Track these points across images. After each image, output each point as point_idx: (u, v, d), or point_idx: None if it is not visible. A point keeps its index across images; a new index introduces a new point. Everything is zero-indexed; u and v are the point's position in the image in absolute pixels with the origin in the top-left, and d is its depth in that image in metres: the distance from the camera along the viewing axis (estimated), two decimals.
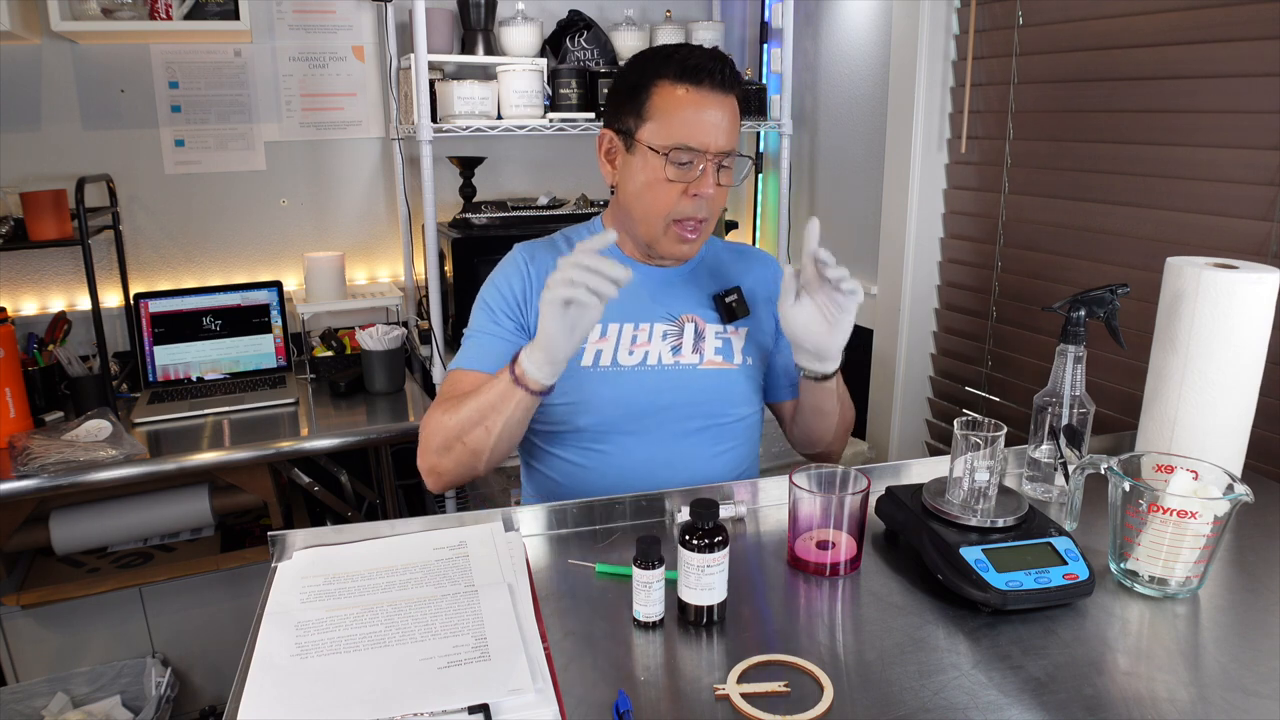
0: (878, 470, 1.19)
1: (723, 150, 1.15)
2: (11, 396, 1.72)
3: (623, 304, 1.22)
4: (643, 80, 1.17)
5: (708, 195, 1.16)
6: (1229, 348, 1.07)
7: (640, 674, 0.80)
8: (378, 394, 2.06)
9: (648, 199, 1.18)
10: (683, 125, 1.14)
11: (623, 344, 1.23)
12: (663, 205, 1.17)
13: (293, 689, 0.77)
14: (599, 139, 1.24)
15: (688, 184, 1.16)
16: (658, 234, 1.20)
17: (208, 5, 1.96)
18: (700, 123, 1.14)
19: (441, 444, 1.15)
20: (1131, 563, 0.94)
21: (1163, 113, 1.51)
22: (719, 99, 1.15)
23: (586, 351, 1.22)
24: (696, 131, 1.14)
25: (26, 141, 2.04)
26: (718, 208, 1.21)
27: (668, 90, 1.15)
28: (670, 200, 1.17)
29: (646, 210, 1.19)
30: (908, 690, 0.77)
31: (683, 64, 1.14)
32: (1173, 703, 0.75)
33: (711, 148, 1.14)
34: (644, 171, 1.17)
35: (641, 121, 1.16)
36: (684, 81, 1.14)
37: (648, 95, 1.16)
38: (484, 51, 2.14)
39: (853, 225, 2.26)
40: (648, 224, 1.21)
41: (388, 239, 2.41)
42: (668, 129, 1.14)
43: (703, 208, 1.18)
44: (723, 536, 0.85)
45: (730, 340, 1.27)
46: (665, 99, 1.15)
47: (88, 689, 1.98)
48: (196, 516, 1.96)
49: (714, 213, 1.20)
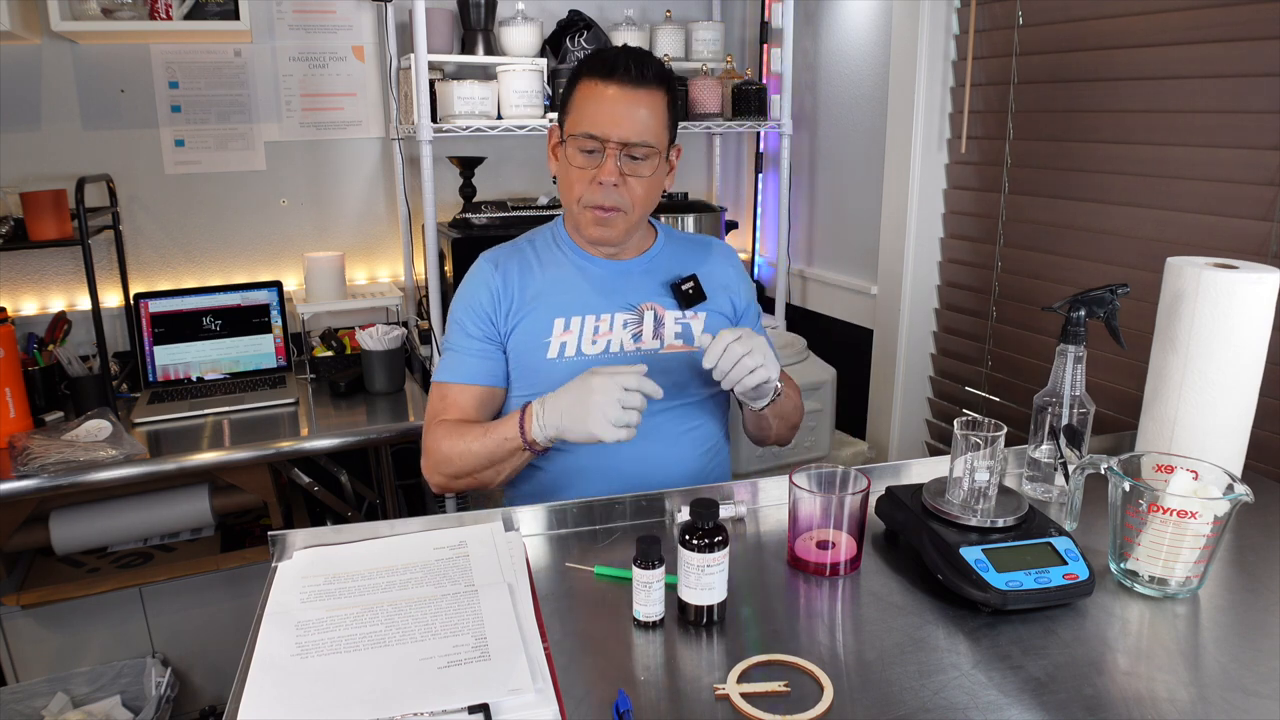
0: (878, 470, 1.19)
1: (624, 140, 1.20)
2: (11, 396, 1.72)
3: (584, 297, 1.31)
4: (573, 79, 1.25)
5: (608, 183, 1.21)
6: (1229, 348, 1.07)
7: (640, 674, 0.80)
8: (378, 394, 2.06)
9: (564, 186, 1.27)
10: (588, 114, 1.21)
11: (585, 335, 1.29)
12: (575, 191, 1.25)
13: (293, 689, 0.77)
14: (549, 134, 1.32)
15: (593, 171, 1.23)
16: (579, 218, 1.27)
17: (208, 5, 1.96)
18: (603, 112, 1.20)
19: (453, 474, 1.24)
20: (1131, 563, 0.94)
21: (1163, 113, 1.51)
22: (629, 92, 1.20)
23: (551, 344, 1.28)
24: (599, 120, 1.20)
25: (26, 141, 2.04)
26: (639, 198, 1.25)
27: (587, 85, 1.23)
28: (580, 187, 1.24)
29: (566, 198, 1.28)
30: (908, 690, 0.77)
31: (598, 60, 1.23)
32: (1173, 703, 0.75)
33: (613, 136, 1.20)
34: (563, 160, 1.26)
35: (566, 115, 1.26)
36: (597, 75, 1.22)
37: (573, 90, 1.25)
38: (484, 51, 2.14)
39: (853, 225, 2.26)
40: (569, 211, 1.29)
41: (388, 239, 2.41)
42: (578, 118, 1.23)
43: (610, 195, 1.23)
44: (723, 536, 0.85)
45: (689, 325, 1.33)
46: (584, 92, 1.23)
47: (88, 689, 1.98)
48: (196, 516, 1.96)
49: (632, 203, 1.25)
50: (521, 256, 1.34)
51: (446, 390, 1.30)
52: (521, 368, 1.30)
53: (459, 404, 1.29)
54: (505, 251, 1.36)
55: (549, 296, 1.30)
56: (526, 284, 1.31)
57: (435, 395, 1.31)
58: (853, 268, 2.29)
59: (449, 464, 1.23)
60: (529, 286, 1.31)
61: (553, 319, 1.29)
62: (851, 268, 2.30)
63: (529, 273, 1.32)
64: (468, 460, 1.21)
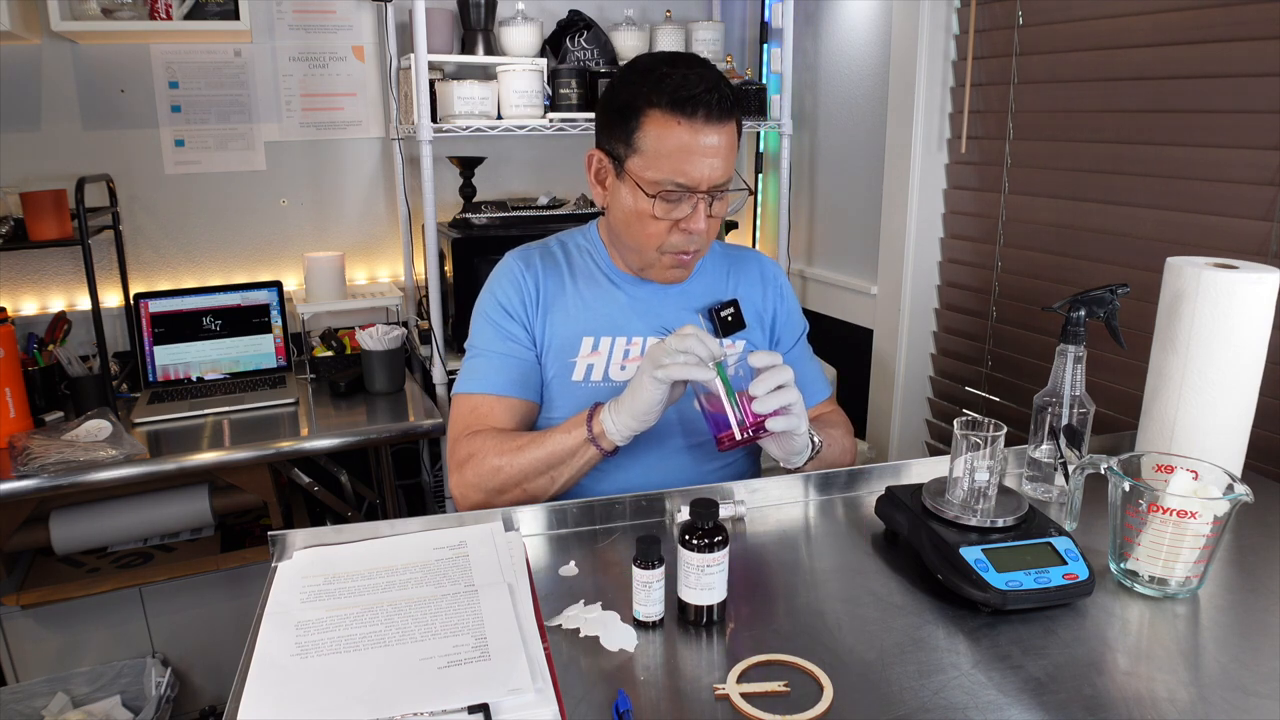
0: (878, 470, 1.20)
1: (715, 185, 1.11)
2: (11, 396, 1.72)
3: (616, 318, 1.23)
4: (634, 105, 1.11)
5: (699, 231, 1.13)
6: (1229, 348, 1.07)
7: (640, 674, 0.80)
8: (378, 394, 2.06)
9: (637, 231, 1.16)
10: (672, 162, 1.09)
11: (615, 358, 1.22)
12: (652, 239, 1.15)
13: (293, 689, 0.77)
14: (588, 159, 1.20)
15: (678, 219, 1.13)
16: (650, 262, 1.19)
17: (208, 5, 1.97)
18: (690, 160, 1.08)
19: (498, 487, 1.13)
20: (1131, 563, 0.94)
21: (1163, 113, 1.51)
22: (713, 129, 1.09)
23: (578, 366, 1.21)
24: (687, 169, 1.09)
25: (26, 141, 2.04)
26: (711, 236, 1.18)
27: (659, 121, 1.09)
28: (659, 235, 1.14)
29: (636, 241, 1.17)
30: (908, 690, 0.77)
31: (675, 94, 1.07)
32: (1173, 703, 0.75)
33: (703, 184, 1.10)
34: (633, 203, 1.14)
35: (631, 151, 1.12)
36: (675, 113, 1.08)
37: (638, 124, 1.10)
38: (484, 51, 2.14)
39: (853, 225, 2.26)
40: (639, 254, 1.19)
41: (388, 239, 2.41)
42: (656, 165, 1.10)
43: (693, 241, 1.15)
44: (723, 536, 0.85)
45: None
46: (655, 131, 1.09)
47: (88, 689, 1.98)
48: (196, 516, 1.96)
49: (707, 242, 1.18)
50: (553, 260, 1.25)
51: (479, 402, 1.19)
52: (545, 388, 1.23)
53: (495, 416, 1.18)
54: (535, 252, 1.27)
55: (579, 311, 1.22)
56: (557, 291, 1.23)
57: (464, 408, 1.20)
58: (853, 268, 2.29)
59: (495, 475, 1.12)
60: (560, 295, 1.23)
61: (581, 336, 1.21)
62: (851, 268, 2.30)
63: (560, 280, 1.24)
64: (520, 469, 1.10)
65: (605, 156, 1.17)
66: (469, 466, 1.14)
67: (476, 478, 1.13)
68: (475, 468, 1.14)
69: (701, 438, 1.23)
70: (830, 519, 1.12)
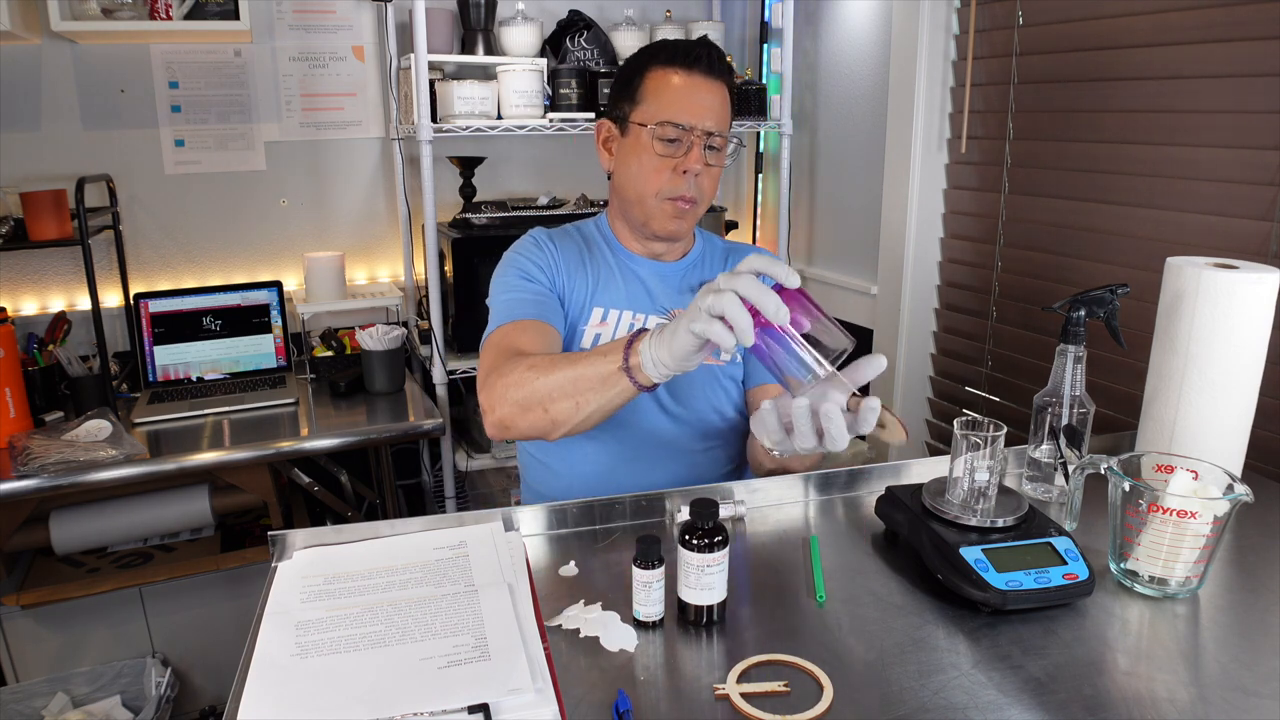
0: (878, 470, 1.20)
1: (710, 130, 1.19)
2: (11, 396, 1.72)
3: (625, 294, 1.28)
4: (637, 68, 1.23)
5: (695, 171, 1.19)
6: (1229, 348, 1.07)
7: (640, 674, 0.80)
8: (378, 394, 2.06)
9: (639, 178, 1.22)
10: (671, 103, 1.19)
11: (621, 330, 1.26)
12: (654, 182, 1.21)
13: (293, 689, 0.77)
14: (597, 129, 1.29)
15: (676, 161, 1.19)
16: (651, 211, 1.23)
17: (208, 5, 1.96)
18: (688, 101, 1.18)
19: (522, 401, 1.05)
20: (1131, 563, 0.94)
21: (1163, 113, 1.51)
22: (708, 83, 1.20)
23: (587, 333, 1.26)
24: (685, 108, 1.18)
25: (26, 141, 2.04)
26: (707, 190, 1.24)
27: (659, 74, 1.20)
28: (661, 177, 1.20)
29: (640, 190, 1.23)
30: (908, 690, 0.77)
31: (673, 49, 1.20)
32: (1173, 703, 0.75)
33: (699, 125, 1.18)
34: (635, 151, 1.22)
35: (634, 105, 1.22)
36: (674, 65, 1.20)
37: (641, 80, 1.22)
38: (484, 51, 2.14)
39: (853, 225, 2.26)
40: (641, 204, 1.24)
41: (388, 239, 2.41)
42: (657, 107, 1.19)
43: (692, 186, 1.21)
44: (723, 536, 0.85)
45: None
46: (656, 81, 1.20)
47: (88, 689, 1.98)
48: (196, 516, 1.96)
49: (704, 195, 1.23)
50: (569, 238, 1.32)
51: (508, 331, 1.16)
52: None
53: (525, 340, 1.15)
54: (554, 230, 1.34)
55: (591, 284, 1.28)
56: (574, 265, 1.28)
57: (493, 340, 1.17)
58: (853, 268, 2.29)
59: (522, 386, 1.04)
60: (576, 268, 1.28)
61: (593, 307, 1.27)
62: (851, 268, 2.30)
63: (578, 255, 1.29)
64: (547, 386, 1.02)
65: (612, 123, 1.27)
66: (496, 380, 1.08)
67: (504, 387, 1.06)
68: (504, 376, 1.07)
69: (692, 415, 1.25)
70: (830, 519, 1.12)
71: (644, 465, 1.25)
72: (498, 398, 1.07)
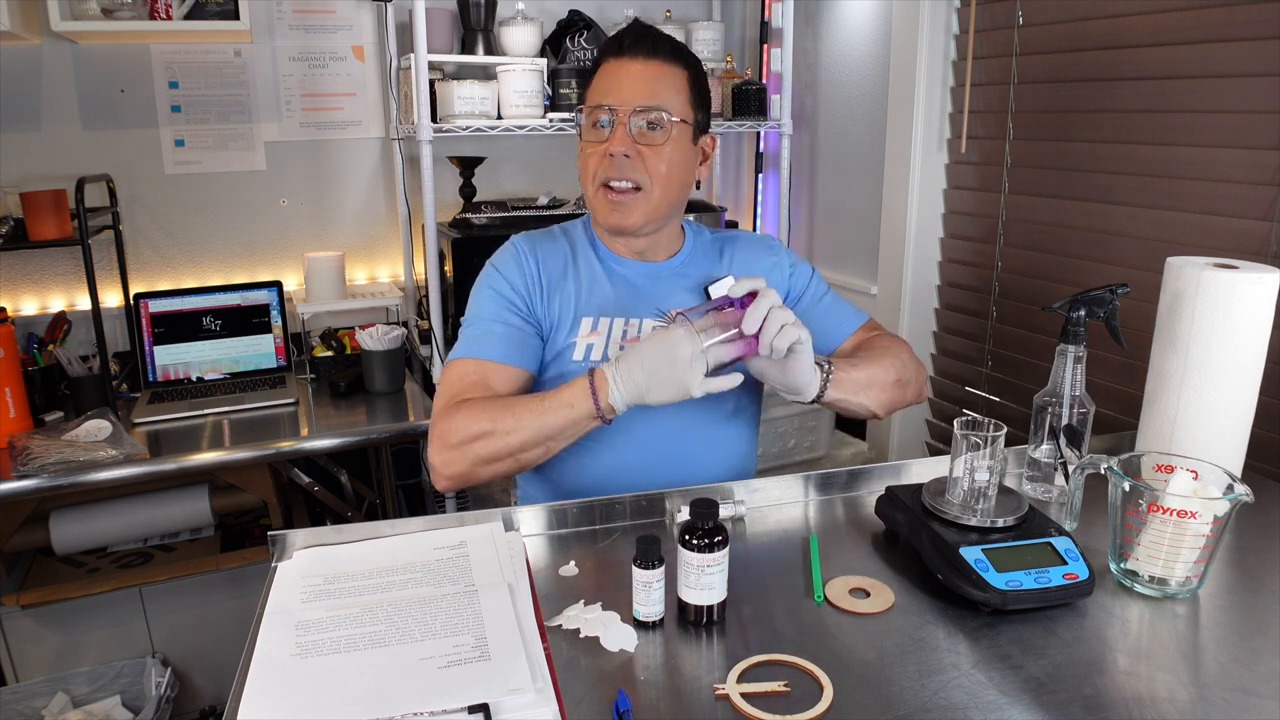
0: (878, 470, 1.20)
1: (632, 106, 1.16)
2: (11, 396, 1.72)
3: (614, 300, 1.25)
4: (594, 66, 1.23)
5: (619, 153, 1.16)
6: (1229, 348, 1.07)
7: (640, 674, 0.80)
8: (378, 394, 2.06)
9: (581, 170, 1.23)
10: (599, 87, 1.19)
11: (614, 339, 1.23)
12: (589, 170, 1.20)
13: (293, 689, 0.77)
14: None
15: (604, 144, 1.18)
16: (595, 204, 1.22)
17: (208, 5, 1.97)
18: (613, 81, 1.18)
19: (488, 456, 1.08)
20: (1131, 563, 0.94)
21: (1163, 113, 1.51)
22: (640, 63, 1.18)
23: (578, 346, 1.22)
24: (609, 89, 1.18)
25: (26, 141, 2.04)
26: (654, 176, 1.17)
27: (603, 65, 1.21)
28: (593, 164, 1.19)
29: (583, 181, 1.23)
30: (908, 690, 0.77)
31: (614, 38, 1.21)
32: (1173, 703, 0.75)
33: (621, 105, 1.16)
34: (580, 144, 1.22)
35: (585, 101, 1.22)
36: (610, 52, 1.20)
37: (592, 77, 1.23)
38: (484, 51, 2.14)
39: (853, 225, 2.26)
40: (587, 196, 1.23)
41: (388, 239, 2.41)
42: (591, 94, 1.20)
43: (623, 168, 1.16)
44: (723, 536, 0.85)
45: None
46: (600, 73, 1.21)
47: (88, 689, 1.98)
48: (196, 516, 1.96)
49: (650, 180, 1.17)
50: (555, 243, 1.28)
51: (473, 368, 1.16)
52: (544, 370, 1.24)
53: (490, 385, 1.15)
54: (538, 236, 1.30)
55: (578, 293, 1.24)
56: (559, 274, 1.25)
57: (454, 374, 1.17)
58: (853, 268, 2.29)
59: (486, 443, 1.07)
60: (561, 277, 1.25)
61: (580, 317, 1.23)
62: (851, 268, 2.30)
63: (562, 263, 1.26)
64: (516, 436, 1.06)
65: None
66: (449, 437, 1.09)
67: (458, 448, 1.08)
68: (458, 436, 1.08)
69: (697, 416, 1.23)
70: (830, 519, 1.12)
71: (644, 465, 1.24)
72: (454, 458, 1.09)
